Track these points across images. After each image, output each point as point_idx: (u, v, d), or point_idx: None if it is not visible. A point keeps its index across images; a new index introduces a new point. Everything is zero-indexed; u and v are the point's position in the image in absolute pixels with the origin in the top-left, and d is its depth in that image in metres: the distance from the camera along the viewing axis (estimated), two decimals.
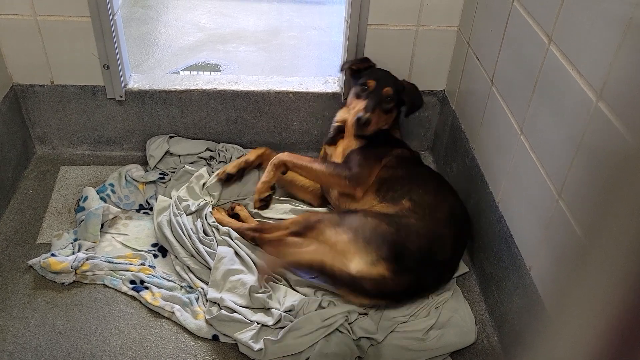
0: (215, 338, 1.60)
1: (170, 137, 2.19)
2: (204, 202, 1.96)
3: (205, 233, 1.86)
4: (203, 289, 1.71)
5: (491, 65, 1.72)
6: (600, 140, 1.14)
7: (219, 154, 2.18)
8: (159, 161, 2.12)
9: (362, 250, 1.61)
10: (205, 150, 2.18)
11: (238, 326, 1.60)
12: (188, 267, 1.78)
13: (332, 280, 1.60)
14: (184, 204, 1.93)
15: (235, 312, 1.62)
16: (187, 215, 1.91)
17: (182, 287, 1.74)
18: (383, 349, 1.58)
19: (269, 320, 1.60)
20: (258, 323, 1.60)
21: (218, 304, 1.65)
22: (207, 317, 1.62)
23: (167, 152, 2.14)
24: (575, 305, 1.15)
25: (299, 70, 2.85)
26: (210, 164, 2.16)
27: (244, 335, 1.57)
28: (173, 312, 1.64)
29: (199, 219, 1.91)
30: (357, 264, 1.60)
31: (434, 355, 1.59)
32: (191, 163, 2.13)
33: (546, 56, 1.36)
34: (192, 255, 1.80)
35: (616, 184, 1.04)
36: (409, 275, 1.61)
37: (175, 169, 2.11)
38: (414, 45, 2.07)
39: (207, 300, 1.67)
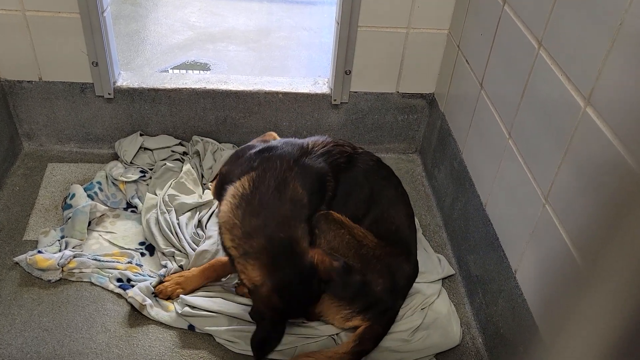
0: (191, 328, 1.62)
1: (140, 135, 2.18)
2: (208, 200, 1.98)
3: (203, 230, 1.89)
4: None
5: (481, 68, 1.74)
6: (588, 145, 1.16)
7: (189, 148, 2.20)
8: (134, 157, 2.12)
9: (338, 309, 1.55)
10: (179, 144, 2.19)
11: (207, 321, 1.62)
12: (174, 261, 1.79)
13: None
14: (176, 201, 1.93)
15: (198, 308, 1.63)
16: (184, 211, 1.92)
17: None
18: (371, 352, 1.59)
19: (235, 312, 1.62)
20: (224, 314, 1.63)
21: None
22: (179, 310, 1.63)
23: (140, 148, 2.14)
24: (572, 334, 1.16)
25: (288, 70, 2.85)
26: (185, 159, 2.16)
27: (216, 329, 1.60)
28: (145, 306, 1.63)
29: (197, 215, 1.92)
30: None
31: (419, 356, 1.60)
32: (165, 158, 2.13)
33: (535, 61, 1.38)
34: (179, 251, 1.82)
35: (613, 201, 1.06)
36: (387, 314, 1.58)
37: (153, 165, 2.10)
38: (404, 47, 2.08)
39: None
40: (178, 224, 1.87)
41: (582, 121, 1.17)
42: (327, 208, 1.56)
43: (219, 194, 1.58)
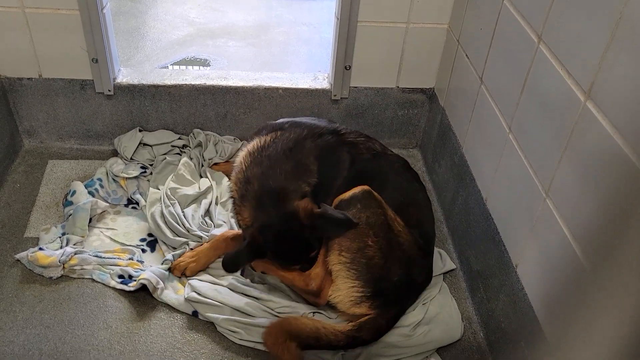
0: (194, 314, 1.65)
1: (139, 131, 2.19)
2: (206, 186, 2.01)
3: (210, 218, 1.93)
4: None
5: (481, 63, 1.73)
6: (588, 139, 1.16)
7: (190, 141, 2.20)
8: (134, 153, 2.12)
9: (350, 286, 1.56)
10: (178, 139, 2.19)
11: (211, 309, 1.64)
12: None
13: (332, 347, 1.53)
14: (179, 193, 1.94)
15: (204, 296, 1.66)
16: (188, 203, 1.94)
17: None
18: (370, 346, 1.59)
19: (239, 305, 1.64)
20: (229, 306, 1.64)
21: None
22: (185, 295, 1.66)
23: (140, 143, 2.14)
24: (577, 337, 1.16)
25: (288, 66, 2.84)
26: (184, 152, 2.17)
27: (217, 316, 1.62)
28: (157, 288, 1.66)
29: (202, 205, 1.94)
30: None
31: (420, 351, 1.60)
32: (165, 153, 2.14)
33: (535, 55, 1.37)
34: (188, 240, 1.84)
35: (617, 201, 1.06)
36: (394, 308, 1.59)
37: (153, 161, 2.11)
38: (404, 42, 2.08)
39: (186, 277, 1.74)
40: (184, 215, 1.88)
41: (582, 115, 1.17)
42: (338, 190, 1.63)
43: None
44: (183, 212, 1.90)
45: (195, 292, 1.66)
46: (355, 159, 1.68)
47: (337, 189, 1.63)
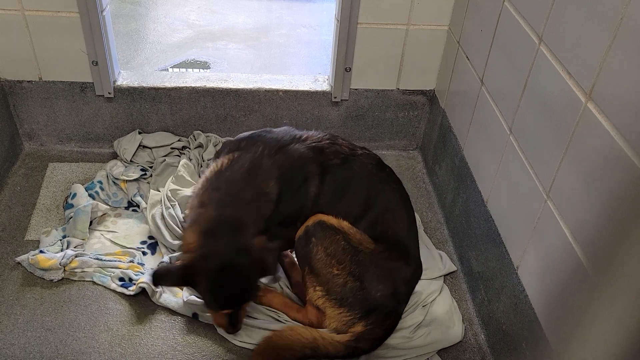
0: (194, 316, 1.64)
1: (139, 133, 2.19)
2: None
3: None
4: None
5: (481, 65, 1.73)
6: (589, 141, 1.16)
7: (190, 143, 2.20)
8: (133, 155, 2.12)
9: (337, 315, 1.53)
10: (178, 141, 2.19)
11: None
12: None
13: (330, 358, 1.49)
14: (179, 195, 1.93)
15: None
16: (180, 200, 1.93)
17: None
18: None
19: None
20: None
21: None
22: (184, 298, 1.65)
23: (139, 146, 2.14)
24: (580, 342, 1.16)
25: (288, 68, 2.85)
26: (184, 154, 2.17)
27: None
28: (156, 292, 1.66)
29: None
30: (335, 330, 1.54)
31: (421, 353, 1.60)
32: (165, 155, 2.14)
33: (536, 56, 1.38)
34: None
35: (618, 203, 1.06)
36: (389, 318, 1.55)
37: (152, 163, 2.11)
38: (404, 44, 2.08)
39: None
40: (183, 217, 1.88)
41: (583, 117, 1.17)
42: (313, 206, 1.56)
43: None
44: (183, 213, 1.90)
45: (195, 295, 1.66)
46: (325, 168, 1.57)
47: (314, 204, 1.56)
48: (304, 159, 1.57)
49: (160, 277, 1.45)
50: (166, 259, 1.76)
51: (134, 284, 1.68)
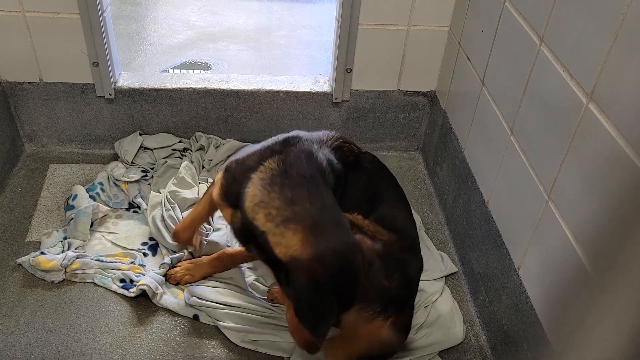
0: (195, 317, 1.65)
1: (140, 134, 2.19)
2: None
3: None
4: None
5: (482, 65, 1.73)
6: (590, 142, 1.16)
7: (192, 144, 2.20)
8: (135, 156, 2.12)
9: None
10: (179, 142, 2.19)
11: (212, 312, 1.65)
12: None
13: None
14: (179, 196, 1.94)
15: (205, 299, 1.66)
16: (186, 206, 1.94)
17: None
18: None
19: (241, 303, 1.64)
20: (229, 305, 1.64)
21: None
22: (186, 300, 1.66)
23: (140, 147, 2.14)
24: (582, 344, 1.16)
25: (289, 69, 2.85)
26: (186, 155, 2.17)
27: (222, 322, 1.62)
28: (157, 294, 1.66)
29: None
30: None
31: (422, 354, 1.60)
32: (166, 157, 2.14)
33: (537, 57, 1.37)
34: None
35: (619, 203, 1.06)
36: (406, 306, 1.55)
37: (154, 164, 2.11)
38: (405, 45, 2.08)
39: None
40: (182, 218, 1.88)
41: (585, 117, 1.17)
42: (339, 202, 1.52)
43: (226, 195, 1.45)
44: (182, 215, 1.90)
45: (196, 296, 1.66)
46: (346, 167, 1.55)
47: (340, 202, 1.49)
48: (335, 160, 1.52)
49: (318, 316, 1.22)
50: (167, 260, 1.76)
51: (135, 286, 1.68)
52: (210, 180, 2.07)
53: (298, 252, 1.20)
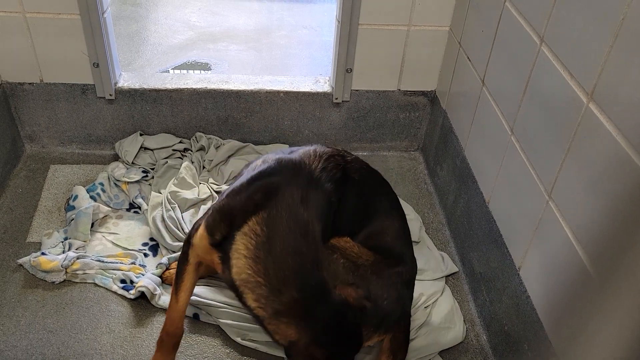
0: (195, 316, 1.65)
1: (140, 135, 2.19)
2: (206, 195, 1.99)
3: None
4: None
5: (482, 65, 1.73)
6: (591, 141, 1.16)
7: (192, 145, 2.20)
8: (135, 157, 2.12)
9: None
10: (179, 142, 2.19)
11: (212, 310, 1.65)
12: None
13: None
14: (179, 197, 1.94)
15: (204, 298, 1.66)
16: (186, 207, 1.94)
17: None
18: (372, 350, 1.59)
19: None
20: (229, 304, 1.64)
21: None
22: None
23: (141, 148, 2.14)
24: (583, 345, 1.16)
25: (289, 69, 2.85)
26: (186, 156, 2.17)
27: (222, 320, 1.63)
28: (155, 295, 1.66)
29: (200, 211, 1.93)
30: None
31: (423, 354, 1.60)
32: (166, 157, 2.14)
33: (537, 57, 1.37)
34: None
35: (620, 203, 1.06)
36: (402, 320, 1.55)
37: (154, 165, 2.11)
38: (405, 45, 2.08)
39: None
40: (182, 219, 1.88)
41: (585, 117, 1.17)
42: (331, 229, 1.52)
43: (213, 233, 1.40)
44: (182, 216, 1.90)
45: (195, 296, 1.66)
46: (335, 189, 1.50)
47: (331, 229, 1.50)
48: (324, 188, 1.47)
49: None
50: (164, 260, 1.75)
51: (135, 287, 1.68)
52: (211, 180, 2.07)
53: (295, 338, 1.27)
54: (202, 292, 1.67)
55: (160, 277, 1.72)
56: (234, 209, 1.38)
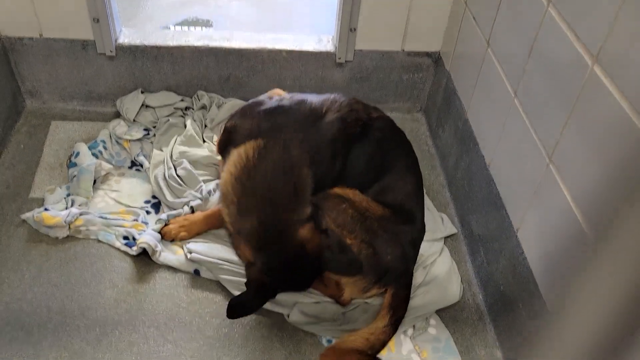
0: (196, 272, 1.68)
1: (141, 92, 2.17)
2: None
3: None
4: None
5: (488, 26, 1.71)
6: (594, 105, 1.15)
7: (194, 103, 2.19)
8: (137, 114, 2.11)
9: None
10: (181, 101, 2.18)
11: (212, 266, 1.67)
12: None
13: (385, 344, 1.54)
14: (191, 158, 1.93)
15: (204, 255, 1.69)
16: (202, 165, 1.94)
17: None
18: (370, 308, 1.62)
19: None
20: (229, 261, 1.66)
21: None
22: (187, 255, 1.69)
23: (142, 105, 2.13)
24: (578, 302, 1.18)
25: (292, 29, 2.80)
26: (187, 114, 2.16)
27: (223, 276, 1.66)
28: (156, 251, 1.68)
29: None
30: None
31: (420, 312, 1.63)
32: (168, 115, 2.13)
33: (544, 18, 1.36)
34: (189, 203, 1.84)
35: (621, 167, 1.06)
36: (403, 277, 1.59)
37: (156, 123, 2.10)
38: (411, 4, 2.04)
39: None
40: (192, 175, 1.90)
41: (589, 80, 1.16)
42: (337, 178, 1.55)
43: (222, 151, 1.60)
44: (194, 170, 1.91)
45: (196, 253, 1.69)
46: (348, 140, 1.56)
47: (338, 178, 1.56)
48: (330, 138, 1.53)
49: (240, 309, 1.43)
50: (163, 216, 1.76)
51: (137, 243, 1.70)
52: (215, 137, 2.07)
53: (251, 260, 1.43)
54: (203, 250, 1.69)
55: (160, 232, 1.74)
56: (240, 127, 1.54)
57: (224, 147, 1.59)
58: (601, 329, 1.12)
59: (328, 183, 1.55)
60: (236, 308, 1.41)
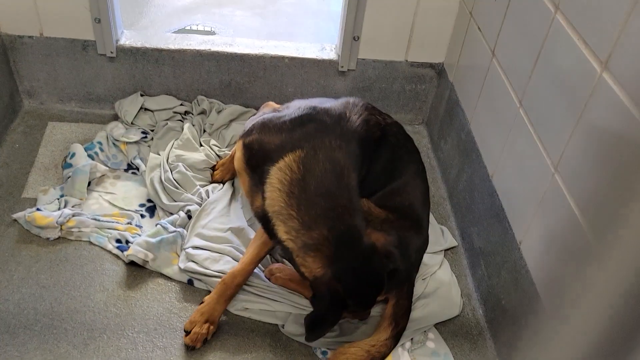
0: (190, 282, 1.64)
1: (141, 95, 2.14)
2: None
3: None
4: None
5: (493, 36, 1.69)
6: (603, 113, 1.12)
7: (193, 108, 2.16)
8: (135, 117, 2.08)
9: None
10: (180, 105, 2.15)
11: (206, 279, 1.63)
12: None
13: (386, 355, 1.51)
14: (186, 161, 1.91)
15: (201, 265, 1.64)
16: (198, 169, 1.91)
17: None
18: (369, 320, 1.58)
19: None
20: (224, 273, 1.60)
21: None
22: (182, 266, 1.64)
23: (141, 108, 2.10)
24: (574, 302, 1.14)
25: (295, 38, 2.79)
26: (187, 119, 2.13)
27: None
28: (148, 261, 1.63)
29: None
30: None
31: (418, 325, 1.59)
32: (167, 119, 2.10)
33: (551, 25, 1.33)
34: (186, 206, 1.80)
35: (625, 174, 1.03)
36: (404, 285, 1.56)
37: (154, 126, 2.07)
38: (415, 14, 2.03)
39: (182, 249, 1.69)
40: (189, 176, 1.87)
41: (598, 87, 1.13)
42: (361, 181, 1.51)
43: (247, 167, 1.50)
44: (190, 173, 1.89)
45: (193, 260, 1.64)
46: (373, 144, 1.55)
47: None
48: (361, 142, 1.50)
49: (318, 325, 1.34)
50: (163, 222, 1.73)
51: (130, 247, 1.66)
52: (212, 142, 2.03)
53: (320, 274, 1.32)
54: (199, 259, 1.64)
55: (185, 338, 1.50)
56: (271, 144, 1.45)
57: (247, 164, 1.50)
58: (604, 343, 1.08)
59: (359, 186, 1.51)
60: (316, 325, 1.33)
